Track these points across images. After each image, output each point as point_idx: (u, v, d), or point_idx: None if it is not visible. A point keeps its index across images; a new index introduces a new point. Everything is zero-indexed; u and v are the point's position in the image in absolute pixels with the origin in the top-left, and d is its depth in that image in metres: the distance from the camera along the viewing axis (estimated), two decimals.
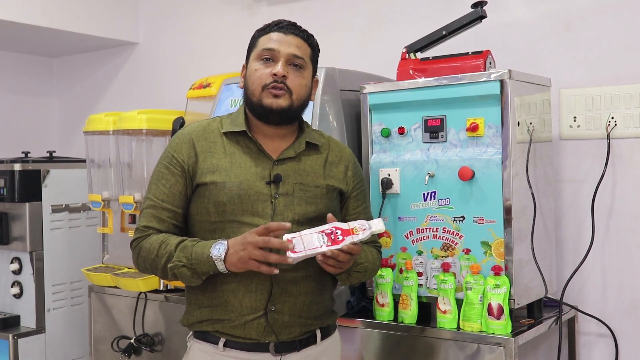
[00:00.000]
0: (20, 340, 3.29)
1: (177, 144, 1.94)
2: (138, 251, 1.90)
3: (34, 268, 3.35)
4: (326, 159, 2.01)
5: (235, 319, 1.86)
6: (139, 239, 1.91)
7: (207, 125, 1.98)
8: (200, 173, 1.89)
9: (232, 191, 1.87)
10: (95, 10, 3.73)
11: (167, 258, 1.83)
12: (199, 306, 1.91)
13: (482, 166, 2.19)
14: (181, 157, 1.91)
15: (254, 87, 1.91)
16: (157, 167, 1.96)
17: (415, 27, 2.81)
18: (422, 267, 2.31)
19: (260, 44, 1.94)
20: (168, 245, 1.84)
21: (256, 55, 1.93)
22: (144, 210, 1.93)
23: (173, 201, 1.91)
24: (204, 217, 1.89)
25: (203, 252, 1.79)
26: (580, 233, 2.60)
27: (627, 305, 2.56)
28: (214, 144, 1.93)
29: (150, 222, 1.90)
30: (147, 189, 1.97)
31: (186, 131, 1.97)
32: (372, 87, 2.42)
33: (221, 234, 1.86)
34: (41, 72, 4.33)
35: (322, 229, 1.78)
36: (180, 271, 1.82)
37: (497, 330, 2.12)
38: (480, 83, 2.20)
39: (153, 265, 1.87)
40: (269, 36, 1.93)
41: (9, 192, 3.31)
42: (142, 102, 3.80)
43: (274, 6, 3.41)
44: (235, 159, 1.91)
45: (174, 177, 1.91)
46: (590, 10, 2.61)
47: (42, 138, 4.26)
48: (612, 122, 2.53)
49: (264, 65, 1.90)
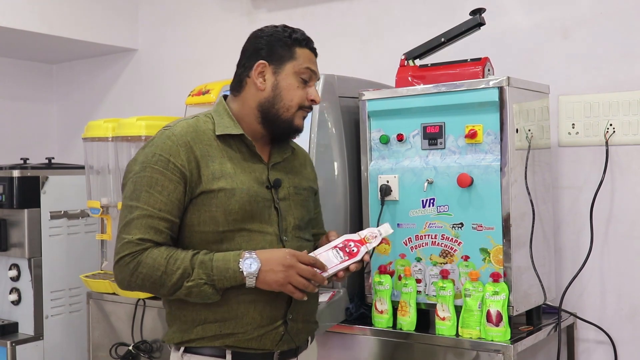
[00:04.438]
0: (18, 347, 3.27)
1: (170, 147, 1.77)
2: (134, 267, 1.71)
3: (32, 275, 3.34)
4: (298, 161, 2.01)
5: (253, 331, 1.79)
6: (133, 254, 1.71)
7: (195, 126, 1.84)
8: (205, 180, 1.77)
9: (243, 198, 1.78)
10: (94, 17, 3.74)
11: (182, 275, 1.70)
12: (200, 322, 1.79)
13: (481, 173, 2.19)
14: (180, 162, 1.75)
15: (290, 104, 1.85)
16: (143, 172, 1.76)
17: (414, 34, 2.81)
18: (420, 274, 2.31)
19: (301, 59, 1.88)
20: (178, 261, 1.71)
21: (297, 70, 1.87)
22: (135, 220, 1.73)
23: (171, 210, 1.75)
24: (209, 227, 1.77)
25: (227, 267, 1.70)
26: (579, 240, 2.60)
27: (626, 311, 2.55)
28: (210, 147, 1.81)
29: (147, 234, 1.72)
30: (130, 196, 1.76)
31: (177, 132, 1.80)
32: (371, 94, 2.42)
33: (230, 244, 1.77)
34: (40, 78, 4.34)
35: (335, 244, 1.79)
36: (202, 289, 1.70)
37: (496, 337, 2.12)
38: (479, 90, 2.21)
39: (158, 283, 1.72)
40: (308, 53, 1.90)
41: (7, 198, 3.31)
42: (141, 109, 3.81)
43: (273, 13, 3.42)
44: (235, 164, 1.82)
45: (172, 184, 1.75)
46: (588, 17, 2.62)
47: (41, 144, 4.26)
48: (610, 129, 2.54)
49: (303, 85, 1.87)
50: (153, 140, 1.81)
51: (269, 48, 1.88)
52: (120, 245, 1.74)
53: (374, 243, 1.81)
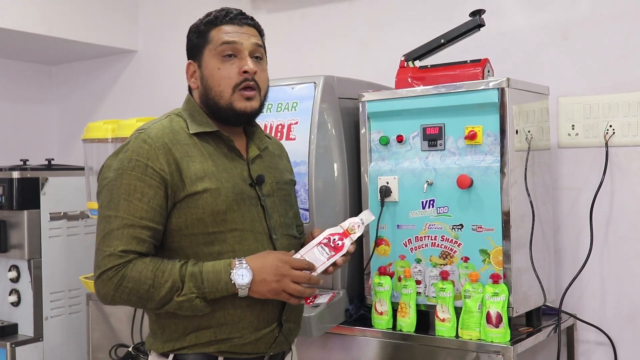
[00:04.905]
0: (17, 348, 3.27)
1: (148, 151, 1.68)
2: (118, 282, 1.63)
3: (32, 276, 3.34)
4: (274, 153, 1.96)
5: (249, 335, 1.74)
6: (117, 267, 1.63)
7: (169, 126, 1.76)
8: (189, 182, 1.69)
9: (229, 197, 1.72)
10: (94, 18, 3.74)
11: (171, 289, 1.63)
12: (194, 329, 1.72)
13: (481, 174, 2.19)
14: (158, 166, 1.67)
15: (221, 89, 1.76)
16: (120, 179, 1.67)
17: (413, 36, 2.81)
18: (420, 275, 2.31)
19: (216, 37, 1.78)
20: (165, 273, 1.64)
21: (214, 52, 1.77)
22: (115, 231, 1.64)
23: (153, 217, 1.66)
24: (197, 230, 1.70)
25: (219, 279, 1.65)
26: (578, 241, 2.60)
27: (626, 313, 2.55)
28: (188, 147, 1.73)
29: (129, 245, 1.64)
30: (108, 205, 1.67)
31: (154, 135, 1.71)
32: (370, 95, 2.42)
33: (222, 246, 1.72)
34: (40, 79, 4.34)
35: (319, 240, 1.75)
36: (194, 304, 1.65)
37: (495, 338, 2.12)
38: (478, 91, 2.21)
39: (145, 297, 1.64)
40: (222, 29, 1.79)
41: (7, 199, 3.31)
42: (141, 110, 3.80)
43: (273, 14, 3.42)
44: (215, 162, 1.75)
45: (152, 190, 1.66)
46: (588, 18, 2.62)
47: (41, 146, 4.25)
48: (610, 130, 2.54)
49: (228, 62, 1.76)
50: (127, 145, 1.72)
51: (189, 45, 1.85)
52: (102, 258, 1.65)
53: (358, 233, 1.77)
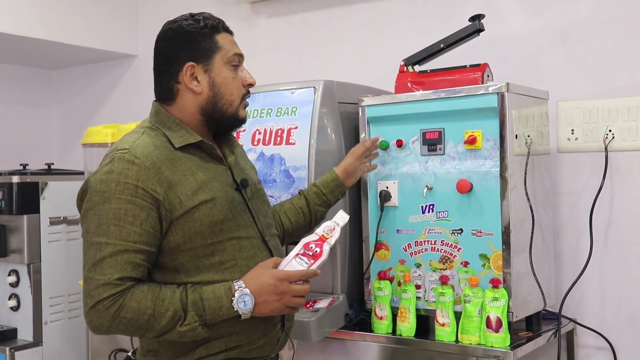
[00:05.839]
0: (17, 353, 3.27)
1: (137, 172, 1.61)
2: (116, 312, 1.57)
3: (32, 281, 3.33)
4: (242, 154, 1.96)
5: (258, 339, 1.74)
6: (114, 297, 1.56)
7: (152, 142, 1.70)
8: (185, 198, 1.65)
9: (224, 206, 1.71)
10: (94, 22, 3.74)
11: (172, 318, 1.59)
12: (203, 342, 1.68)
13: (481, 179, 2.19)
14: (150, 187, 1.61)
15: (233, 98, 1.76)
16: (108, 203, 1.60)
17: (413, 40, 2.82)
18: (420, 280, 2.31)
19: (226, 45, 1.77)
20: (165, 301, 1.59)
21: (226, 59, 1.76)
22: (107, 259, 1.58)
23: (147, 240, 1.60)
24: (196, 243, 1.67)
25: (221, 306, 1.62)
26: (578, 245, 2.60)
27: (626, 317, 2.55)
28: (175, 161, 1.69)
29: (124, 272, 1.57)
30: (96, 231, 1.61)
31: (140, 154, 1.64)
32: (370, 100, 2.42)
33: (222, 255, 1.70)
34: (40, 84, 4.34)
35: (296, 252, 1.73)
36: (197, 332, 1.62)
37: (495, 343, 2.11)
38: (478, 96, 2.21)
39: (145, 327, 1.60)
40: (225, 37, 1.79)
41: (7, 204, 3.31)
42: (141, 115, 3.75)
43: (272, 18, 3.43)
44: (205, 172, 1.72)
45: (144, 212, 1.60)
46: (587, 23, 2.62)
47: (41, 150, 4.26)
48: (609, 135, 2.54)
49: (236, 72, 1.78)
50: (112, 167, 1.63)
51: (190, 46, 1.75)
52: (95, 287, 1.58)
53: (335, 236, 1.75)
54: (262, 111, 2.50)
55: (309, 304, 2.36)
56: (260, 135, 2.47)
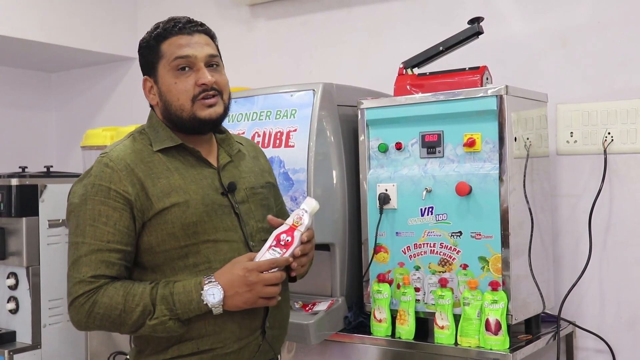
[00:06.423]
0: (15, 356, 3.26)
1: (111, 175, 1.68)
2: (89, 308, 1.63)
3: (30, 283, 3.33)
4: (249, 156, 1.94)
5: (232, 344, 1.72)
6: (87, 294, 1.63)
7: (132, 146, 1.75)
8: (155, 199, 1.68)
9: (199, 209, 1.71)
10: (93, 25, 3.74)
11: (142, 312, 1.63)
12: (176, 341, 1.70)
13: (480, 181, 2.19)
14: (122, 188, 1.67)
15: (180, 102, 1.73)
16: (84, 205, 1.67)
17: (412, 43, 2.82)
18: (419, 283, 2.31)
19: (168, 52, 1.76)
20: (136, 297, 1.63)
21: (168, 67, 1.75)
22: (83, 258, 1.64)
23: (121, 239, 1.66)
24: (170, 245, 1.69)
25: (190, 300, 1.63)
26: (577, 248, 2.60)
27: (626, 320, 2.55)
28: (152, 164, 1.72)
29: (98, 270, 1.63)
30: (75, 232, 1.68)
31: (115, 157, 1.71)
32: (369, 103, 2.42)
33: (196, 258, 1.71)
34: (39, 86, 4.34)
35: (269, 244, 1.73)
36: (167, 326, 1.64)
37: (494, 345, 2.11)
38: (477, 98, 2.21)
39: (117, 322, 1.64)
40: (173, 42, 1.76)
41: (5, 206, 3.30)
42: (140, 117, 3.76)
43: (272, 21, 3.43)
44: (183, 175, 1.74)
45: (116, 212, 1.66)
46: (586, 26, 2.63)
47: (40, 153, 4.25)
48: (608, 138, 2.54)
49: (184, 76, 1.74)
50: (90, 170, 1.72)
51: (142, 61, 1.84)
52: (72, 285, 1.65)
53: (305, 222, 1.74)
54: (261, 114, 2.50)
55: (308, 307, 2.36)
56: (259, 137, 2.48)
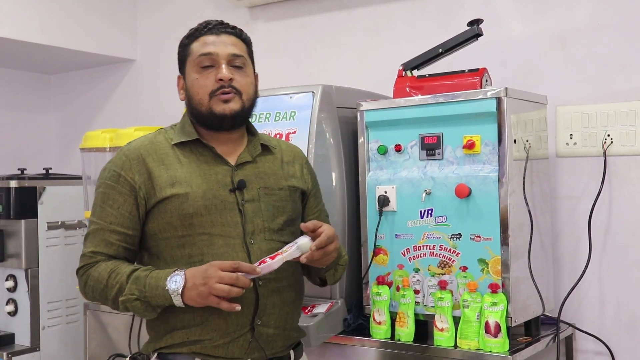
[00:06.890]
0: (14, 358, 3.26)
1: (123, 162, 1.83)
2: (85, 280, 1.81)
3: (29, 285, 3.33)
4: (282, 160, 1.97)
5: (219, 338, 1.77)
6: (85, 267, 1.82)
7: (153, 138, 1.90)
8: (159, 188, 1.79)
9: (197, 202, 1.78)
10: (92, 27, 3.74)
11: (118, 290, 1.74)
12: (169, 330, 1.80)
13: (479, 183, 2.19)
14: (130, 175, 1.81)
15: (200, 97, 1.83)
16: (99, 188, 1.85)
17: (411, 45, 2.82)
18: (419, 285, 2.31)
19: (194, 50, 1.87)
20: (118, 275, 1.75)
21: (193, 64, 1.86)
22: (90, 235, 1.83)
23: (122, 222, 1.80)
24: (169, 233, 1.80)
25: (158, 285, 1.71)
26: (577, 250, 2.60)
27: (625, 322, 2.55)
28: (165, 156, 1.84)
29: (98, 247, 1.80)
30: (92, 212, 1.86)
31: (132, 147, 1.87)
32: (368, 105, 2.42)
33: (192, 248, 1.78)
34: (38, 88, 4.34)
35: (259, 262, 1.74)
36: (133, 305, 1.73)
37: (494, 348, 2.11)
38: (476, 100, 2.21)
39: (102, 295, 1.79)
40: (201, 41, 1.87)
41: (4, 208, 3.31)
42: (139, 119, 3.81)
43: (271, 23, 3.43)
44: (193, 169, 1.83)
45: (121, 197, 1.80)
46: (586, 28, 2.63)
47: (39, 155, 4.25)
48: (608, 140, 2.54)
49: (206, 73, 1.84)
50: (112, 158, 1.89)
51: (178, 60, 1.94)
52: (80, 257, 1.84)
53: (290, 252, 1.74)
54: (261, 116, 2.49)
55: (307, 309, 2.36)
56: None
